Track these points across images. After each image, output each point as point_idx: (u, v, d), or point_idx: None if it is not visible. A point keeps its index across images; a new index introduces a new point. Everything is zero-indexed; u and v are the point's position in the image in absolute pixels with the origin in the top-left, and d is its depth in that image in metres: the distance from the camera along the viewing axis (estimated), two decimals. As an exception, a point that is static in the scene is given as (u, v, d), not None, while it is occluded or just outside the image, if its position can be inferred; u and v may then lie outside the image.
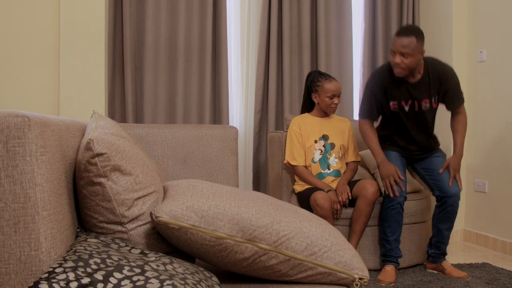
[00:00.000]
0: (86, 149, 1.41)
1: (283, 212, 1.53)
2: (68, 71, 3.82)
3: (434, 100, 3.22)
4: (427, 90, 3.20)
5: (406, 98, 3.23)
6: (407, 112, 3.26)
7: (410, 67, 3.06)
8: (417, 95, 3.20)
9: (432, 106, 3.24)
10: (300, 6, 4.59)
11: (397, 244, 3.26)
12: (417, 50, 3.02)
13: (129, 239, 1.49)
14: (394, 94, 3.24)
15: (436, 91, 3.21)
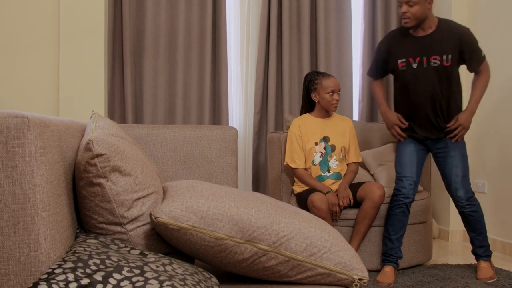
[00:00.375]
0: (85, 150, 1.41)
1: (282, 213, 1.53)
2: (67, 71, 3.82)
3: (446, 58, 3.10)
4: (438, 46, 3.12)
5: (414, 55, 3.17)
6: (414, 70, 3.17)
7: (417, 16, 3.06)
8: (426, 50, 3.14)
9: (442, 64, 3.11)
10: (300, 6, 4.59)
11: (398, 245, 3.25)
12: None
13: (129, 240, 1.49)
14: (403, 51, 3.21)
15: (450, 49, 3.10)
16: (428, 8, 3.08)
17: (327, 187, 3.32)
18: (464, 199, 3.15)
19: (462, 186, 3.15)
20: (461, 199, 3.15)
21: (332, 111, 3.49)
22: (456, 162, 3.17)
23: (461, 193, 3.15)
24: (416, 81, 3.19)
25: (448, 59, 3.10)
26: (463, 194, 3.15)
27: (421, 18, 3.08)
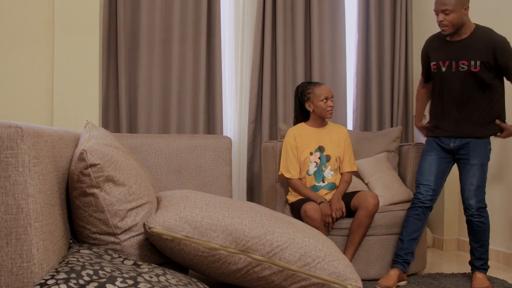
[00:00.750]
0: (79, 160, 1.41)
1: (276, 223, 1.53)
2: (62, 80, 3.81)
3: (474, 64, 3.09)
4: (468, 51, 3.12)
5: (444, 58, 3.20)
6: (443, 73, 3.21)
7: (454, 23, 3.08)
8: (456, 54, 3.15)
9: (470, 70, 3.11)
10: (294, 16, 4.61)
11: (408, 247, 3.26)
12: (458, 4, 3.04)
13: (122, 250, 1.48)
14: (436, 54, 3.26)
15: (479, 55, 3.09)
16: (465, 14, 3.09)
17: (321, 197, 3.32)
18: (475, 209, 3.15)
19: (475, 196, 3.15)
20: (471, 208, 3.16)
21: (328, 118, 3.48)
22: (474, 171, 3.16)
23: (472, 202, 3.15)
24: (444, 84, 3.23)
25: (477, 65, 3.10)
26: (474, 203, 3.15)
27: (458, 25, 3.10)
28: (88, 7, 3.85)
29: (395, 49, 4.81)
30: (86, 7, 3.85)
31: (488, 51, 3.06)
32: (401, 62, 4.79)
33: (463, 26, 3.11)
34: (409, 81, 4.83)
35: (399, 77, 4.79)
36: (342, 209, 3.25)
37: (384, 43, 4.81)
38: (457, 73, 3.16)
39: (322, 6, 4.69)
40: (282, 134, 3.89)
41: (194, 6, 4.36)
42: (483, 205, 3.16)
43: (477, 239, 3.20)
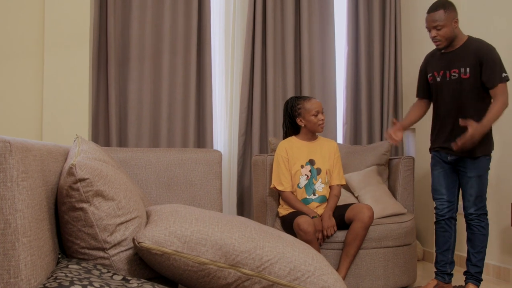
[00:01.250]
0: (68, 174, 1.40)
1: (266, 237, 1.53)
2: (51, 94, 3.80)
3: (464, 71, 3.21)
4: (459, 60, 3.24)
5: (439, 69, 3.33)
6: (438, 83, 3.33)
7: (446, 37, 3.21)
8: (448, 63, 3.28)
9: (460, 77, 3.22)
10: (284, 29, 4.64)
11: (443, 258, 3.39)
12: (448, 19, 3.18)
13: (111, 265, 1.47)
14: (432, 66, 3.40)
15: (468, 63, 3.20)
16: (455, 27, 3.23)
17: (313, 211, 3.32)
18: (475, 215, 3.24)
19: (474, 205, 3.24)
20: (471, 214, 3.25)
21: (319, 132, 3.50)
22: (472, 183, 3.24)
23: (472, 210, 3.24)
24: (439, 93, 3.35)
25: (466, 72, 3.21)
26: (473, 211, 3.24)
27: (451, 37, 3.23)
28: (78, 21, 3.86)
29: (385, 62, 4.85)
30: (76, 21, 3.86)
31: (476, 58, 3.17)
32: (390, 75, 4.83)
33: (455, 38, 3.24)
34: (399, 94, 4.86)
35: (389, 90, 4.82)
36: (333, 226, 3.27)
37: (373, 57, 4.85)
38: (450, 81, 3.27)
39: (312, 19, 4.72)
40: (272, 148, 3.89)
41: (184, 20, 4.38)
42: (483, 211, 3.25)
43: (474, 245, 3.26)
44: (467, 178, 3.25)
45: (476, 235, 3.25)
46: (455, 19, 3.21)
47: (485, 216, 3.26)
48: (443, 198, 3.38)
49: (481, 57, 3.16)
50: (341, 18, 4.91)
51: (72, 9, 3.85)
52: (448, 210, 3.37)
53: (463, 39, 3.27)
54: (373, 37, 4.86)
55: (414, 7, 4.79)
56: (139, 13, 4.28)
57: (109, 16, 4.14)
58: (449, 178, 3.39)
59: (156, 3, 4.34)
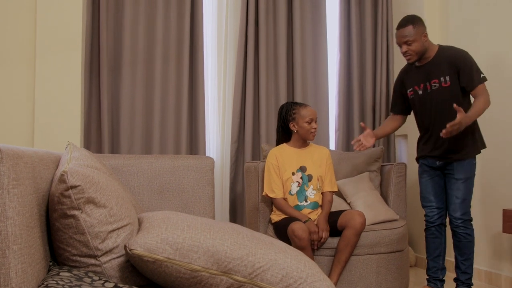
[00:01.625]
0: (59, 182, 1.40)
1: (258, 244, 1.53)
2: (43, 101, 3.79)
3: (444, 80, 3.26)
4: (436, 70, 3.29)
5: (419, 82, 3.39)
6: (420, 96, 3.38)
7: (417, 51, 3.29)
8: (427, 75, 3.33)
9: (441, 86, 3.27)
10: (277, 36, 4.65)
11: (435, 265, 3.43)
12: (417, 34, 3.26)
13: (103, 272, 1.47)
14: (410, 81, 3.46)
15: (446, 71, 3.25)
16: (425, 41, 3.30)
17: (305, 216, 3.33)
18: (460, 220, 3.25)
19: (460, 209, 3.25)
20: (457, 219, 3.26)
21: (310, 139, 3.52)
22: (458, 185, 3.28)
23: (457, 214, 3.25)
24: (423, 105, 3.39)
25: (446, 80, 3.26)
26: (459, 216, 3.25)
27: (421, 51, 3.31)
28: (70, 26, 3.86)
29: (377, 69, 4.87)
30: (68, 27, 3.85)
31: (452, 65, 3.24)
32: (382, 82, 4.85)
33: (426, 51, 3.32)
34: (391, 101, 4.88)
35: (381, 97, 4.84)
36: (328, 231, 3.28)
37: (365, 63, 4.87)
38: (432, 92, 3.33)
39: (304, 26, 4.74)
40: (265, 154, 3.90)
41: (177, 26, 4.38)
42: (468, 217, 3.27)
43: (462, 252, 3.29)
44: (454, 181, 3.29)
45: (463, 243, 3.27)
46: (424, 33, 3.30)
47: (470, 222, 3.29)
48: (433, 205, 3.42)
49: (457, 64, 3.22)
50: (333, 25, 4.93)
51: (64, 14, 3.84)
52: (438, 217, 3.42)
53: (435, 50, 3.34)
54: (365, 44, 4.88)
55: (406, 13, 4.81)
56: (131, 19, 4.28)
57: (102, 22, 4.14)
58: (437, 185, 3.43)
59: (148, 9, 4.34)
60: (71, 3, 3.86)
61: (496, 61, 3.86)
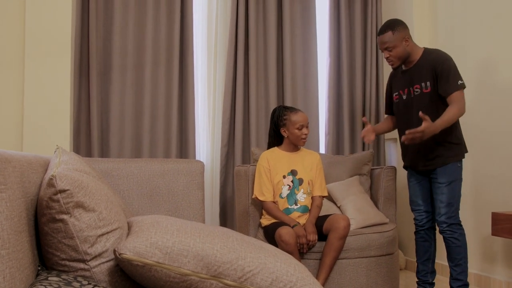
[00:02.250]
0: (48, 186, 1.39)
1: (248, 248, 1.53)
2: (32, 104, 3.77)
3: (425, 85, 3.23)
4: (418, 75, 3.27)
5: (402, 87, 3.38)
6: (404, 101, 3.37)
7: (399, 56, 3.28)
8: (410, 80, 3.31)
9: (422, 92, 3.24)
10: (266, 39, 4.66)
11: (424, 268, 3.43)
12: (397, 39, 3.25)
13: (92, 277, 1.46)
14: (396, 85, 3.46)
15: (427, 76, 3.22)
16: (407, 45, 3.27)
17: (294, 221, 3.33)
18: (446, 224, 3.21)
19: (444, 213, 3.21)
20: (441, 223, 3.22)
21: (300, 145, 3.53)
22: (442, 189, 3.24)
23: (442, 218, 3.22)
24: (406, 110, 3.37)
25: (427, 86, 3.23)
26: (444, 220, 3.21)
27: (404, 56, 3.30)
28: (59, 30, 3.84)
29: (366, 73, 4.89)
30: (58, 30, 3.84)
31: (432, 69, 3.22)
32: (372, 86, 4.87)
33: (409, 55, 3.30)
34: (380, 104, 4.90)
35: (371, 100, 4.86)
36: (316, 234, 3.28)
37: (355, 67, 4.89)
38: (415, 97, 3.31)
39: (294, 30, 4.75)
40: (255, 158, 3.90)
41: (166, 31, 4.38)
42: (454, 221, 3.22)
43: (452, 258, 3.25)
44: (438, 185, 3.26)
45: (451, 248, 3.22)
46: (405, 38, 3.26)
47: (457, 226, 3.22)
48: (421, 209, 3.43)
49: (436, 69, 3.19)
50: (323, 29, 4.95)
51: (53, 18, 3.83)
52: (427, 221, 3.42)
53: (419, 53, 3.31)
54: (355, 48, 4.90)
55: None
56: (121, 22, 4.27)
57: (91, 25, 4.13)
58: (424, 189, 3.43)
59: (138, 13, 4.34)
60: (60, 6, 3.85)
61: (484, 64, 3.89)
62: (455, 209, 3.23)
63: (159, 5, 4.38)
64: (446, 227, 3.21)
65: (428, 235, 3.43)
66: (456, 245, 3.21)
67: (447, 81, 3.16)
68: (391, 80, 3.58)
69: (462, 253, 3.22)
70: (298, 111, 3.50)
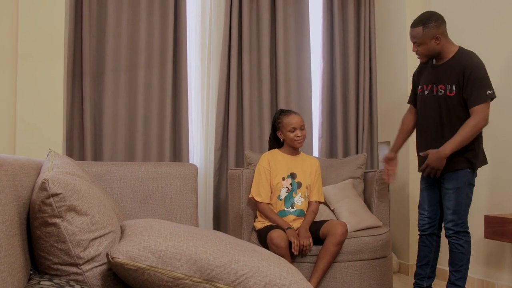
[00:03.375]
0: (40, 189, 1.39)
1: (241, 251, 1.52)
2: (25, 107, 3.76)
3: (450, 88, 3.14)
4: (446, 76, 3.18)
5: (427, 82, 3.30)
6: (426, 96, 3.30)
7: (425, 53, 3.21)
8: (436, 78, 3.24)
9: (446, 94, 3.16)
10: (260, 43, 4.66)
11: (421, 272, 3.42)
12: (426, 37, 3.15)
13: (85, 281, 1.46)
14: (423, 78, 3.37)
15: (454, 80, 3.13)
16: (437, 44, 3.16)
17: (287, 224, 3.33)
18: (452, 231, 3.19)
19: (451, 220, 3.18)
20: (448, 230, 3.20)
21: (297, 147, 3.52)
22: (449, 196, 3.20)
23: (449, 225, 3.19)
24: (424, 107, 3.32)
25: (452, 89, 3.15)
26: (450, 227, 3.19)
27: (431, 54, 3.23)
28: (52, 33, 3.83)
29: (360, 77, 4.90)
30: (50, 33, 3.82)
31: (460, 75, 3.10)
32: (365, 89, 4.88)
33: (439, 53, 3.21)
34: (374, 108, 4.91)
35: (364, 104, 4.87)
36: (310, 239, 3.26)
37: (348, 71, 4.90)
38: (437, 97, 3.23)
39: (288, 34, 4.76)
40: (248, 161, 3.90)
41: (160, 34, 4.38)
42: (461, 229, 3.18)
43: (453, 263, 3.23)
44: (445, 190, 3.22)
45: (454, 253, 3.20)
46: (436, 36, 3.14)
47: (464, 233, 3.19)
48: (424, 214, 3.40)
49: (465, 74, 3.08)
50: (316, 33, 4.96)
51: (46, 21, 3.81)
52: (429, 226, 3.39)
53: (453, 51, 3.20)
54: (348, 52, 4.92)
55: (388, 22, 4.86)
56: (114, 25, 4.26)
57: (84, 28, 4.12)
58: (432, 194, 3.38)
59: (131, 16, 4.33)
60: (53, 8, 3.83)
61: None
62: (462, 216, 3.18)
63: (153, 8, 4.37)
64: (452, 233, 3.18)
65: (429, 241, 3.40)
66: (459, 252, 3.19)
67: (472, 91, 3.05)
68: (419, 70, 3.47)
69: (464, 260, 3.20)
70: (291, 113, 3.51)
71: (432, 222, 3.39)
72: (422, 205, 3.43)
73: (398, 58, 4.68)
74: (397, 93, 4.67)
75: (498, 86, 3.45)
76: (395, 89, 4.71)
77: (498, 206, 3.72)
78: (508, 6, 3.66)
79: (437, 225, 3.40)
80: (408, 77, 4.52)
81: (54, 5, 3.83)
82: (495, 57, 3.74)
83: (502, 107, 3.67)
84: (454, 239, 3.19)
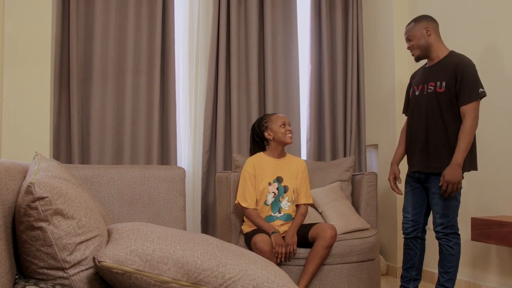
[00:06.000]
0: (26, 193, 1.38)
1: (228, 255, 1.52)
2: (11, 110, 3.73)
3: (440, 85, 3.19)
4: (436, 73, 3.24)
5: (418, 83, 3.37)
6: (417, 97, 3.35)
7: (418, 45, 3.31)
8: (427, 77, 3.30)
9: (436, 90, 3.20)
10: (248, 47, 4.67)
11: (407, 275, 3.45)
12: (417, 28, 3.30)
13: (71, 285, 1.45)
14: (415, 80, 3.45)
15: (444, 76, 3.18)
16: (428, 35, 3.28)
17: (273, 228, 3.31)
18: (442, 233, 3.20)
19: (440, 224, 3.19)
20: (438, 232, 3.22)
21: (288, 142, 3.48)
22: (436, 200, 3.21)
23: (438, 228, 3.21)
24: (416, 107, 3.36)
25: (442, 85, 3.19)
26: (440, 230, 3.20)
27: (423, 46, 3.31)
28: (39, 36, 3.81)
29: (347, 80, 4.92)
30: (37, 37, 3.80)
31: (452, 73, 3.15)
32: (353, 93, 4.90)
33: (431, 48, 3.29)
34: (362, 111, 4.93)
35: (352, 107, 4.89)
36: (294, 246, 3.25)
37: (336, 75, 4.92)
38: (426, 95, 3.28)
39: (276, 37, 4.77)
40: (237, 164, 3.89)
41: (148, 38, 4.37)
42: (451, 231, 3.20)
43: (442, 264, 3.24)
44: (432, 194, 3.24)
45: (444, 255, 3.21)
46: (426, 28, 3.28)
47: (454, 235, 3.20)
48: (408, 217, 3.43)
49: (458, 72, 3.12)
50: (304, 36, 4.97)
51: (33, 24, 3.79)
52: (412, 230, 3.41)
53: (444, 53, 3.28)
54: (336, 55, 4.94)
55: (376, 26, 4.89)
56: (102, 29, 4.25)
57: (71, 32, 4.10)
58: (416, 198, 3.40)
59: (119, 20, 4.32)
60: (40, 12, 3.81)
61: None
62: (452, 219, 3.20)
63: (141, 11, 4.37)
64: (442, 235, 3.21)
65: (414, 244, 3.43)
66: (449, 253, 3.20)
67: (464, 89, 3.09)
68: (413, 76, 3.54)
69: (454, 261, 3.21)
70: (276, 113, 3.54)
71: (416, 226, 3.41)
72: (406, 208, 3.46)
73: (386, 61, 4.71)
74: (385, 96, 4.70)
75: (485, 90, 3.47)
76: (383, 92, 4.73)
77: (485, 208, 3.74)
78: (494, 9, 3.70)
79: (420, 228, 3.42)
80: (396, 80, 4.54)
81: (41, 9, 3.81)
82: (481, 60, 3.77)
83: (488, 110, 3.70)
84: (444, 241, 3.20)
